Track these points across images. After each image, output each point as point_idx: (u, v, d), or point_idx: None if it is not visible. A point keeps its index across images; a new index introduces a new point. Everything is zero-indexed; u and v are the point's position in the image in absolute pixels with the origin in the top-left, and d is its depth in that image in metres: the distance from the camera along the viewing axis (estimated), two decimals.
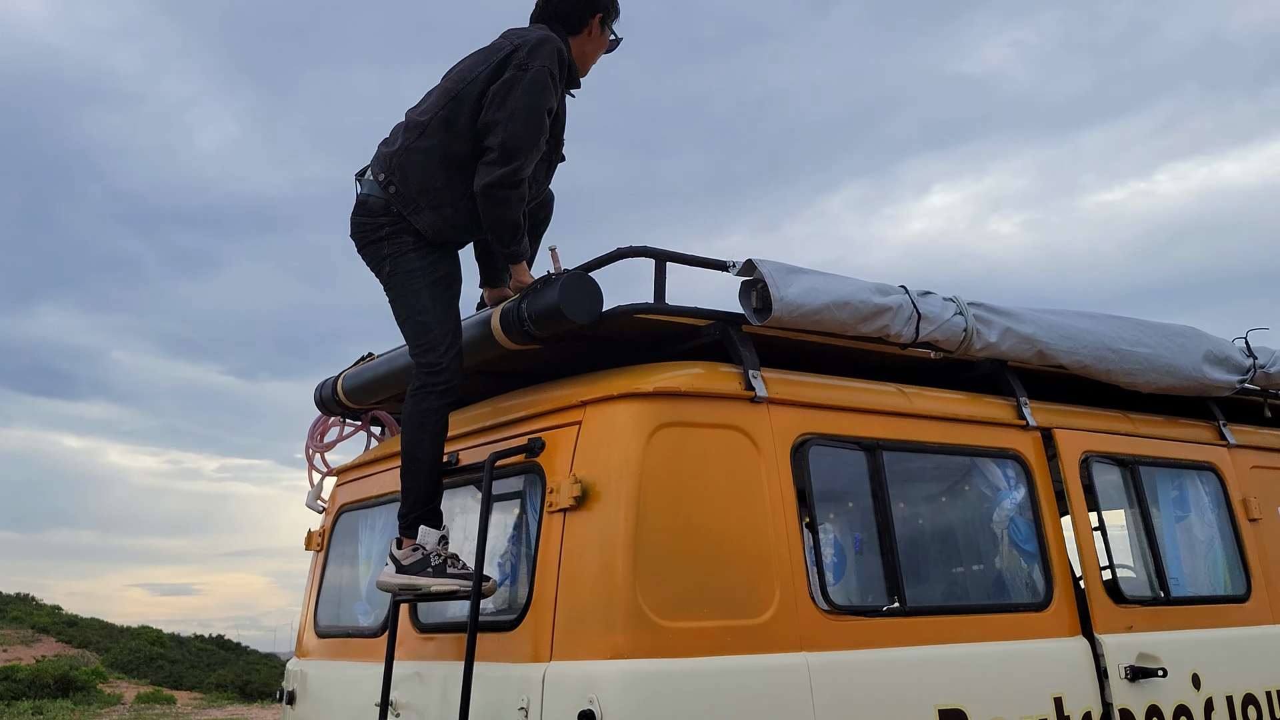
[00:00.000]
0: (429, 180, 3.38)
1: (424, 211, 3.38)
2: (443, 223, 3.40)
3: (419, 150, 3.40)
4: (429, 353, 3.34)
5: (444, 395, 3.31)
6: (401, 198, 3.39)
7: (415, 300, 3.39)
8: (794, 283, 3.25)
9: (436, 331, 3.35)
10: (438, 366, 3.32)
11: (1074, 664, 3.54)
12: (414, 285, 3.39)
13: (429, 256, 3.41)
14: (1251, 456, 4.52)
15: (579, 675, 2.80)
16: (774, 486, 3.10)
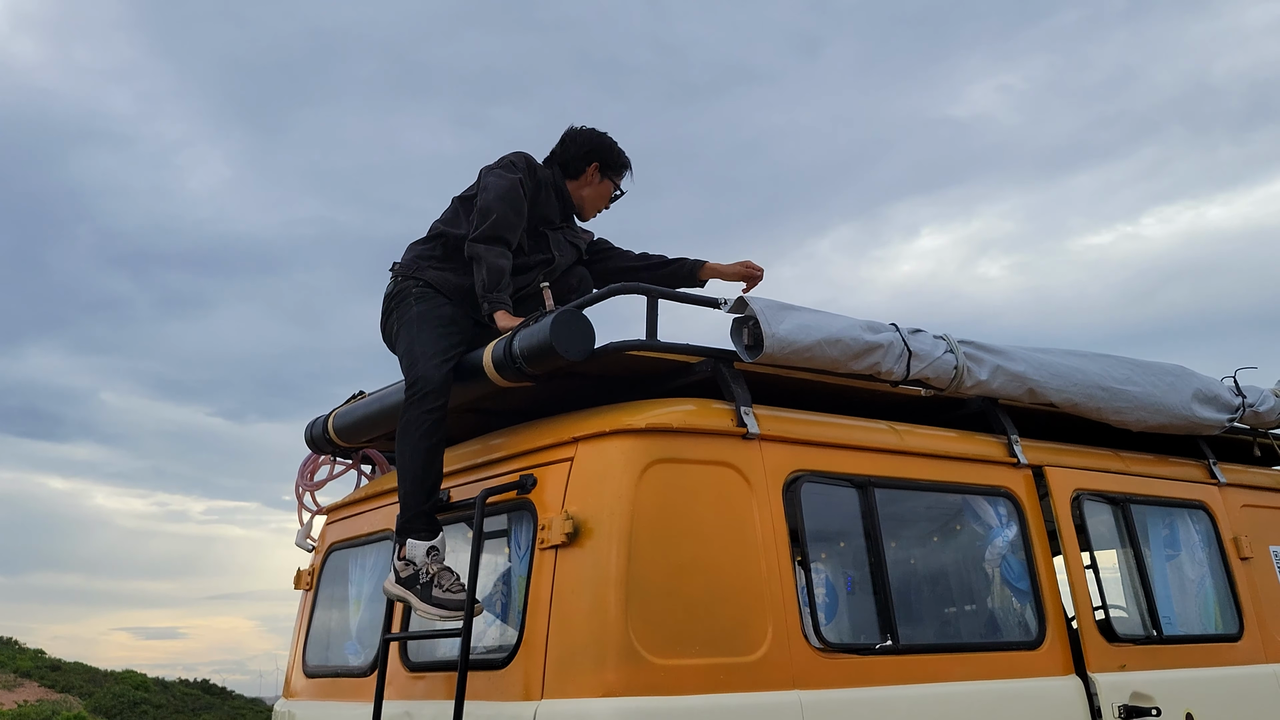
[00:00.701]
0: (429, 253, 3.74)
1: (428, 270, 3.68)
2: (449, 275, 3.66)
3: (419, 245, 3.82)
4: (414, 369, 3.45)
5: (424, 402, 3.36)
6: (405, 267, 3.73)
7: (411, 332, 3.54)
8: (785, 319, 3.27)
9: (421, 352, 3.46)
10: (419, 377, 3.41)
11: (1068, 703, 3.52)
12: (412, 322, 3.56)
13: (433, 300, 3.62)
14: (1242, 495, 4.53)
15: (571, 713, 2.78)
16: (766, 523, 3.10)
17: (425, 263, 3.72)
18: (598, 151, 3.98)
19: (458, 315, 3.61)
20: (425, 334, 3.52)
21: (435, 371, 3.41)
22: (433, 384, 3.39)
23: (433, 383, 3.39)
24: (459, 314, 3.62)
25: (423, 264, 3.72)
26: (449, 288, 3.65)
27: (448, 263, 3.70)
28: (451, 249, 3.72)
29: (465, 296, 3.63)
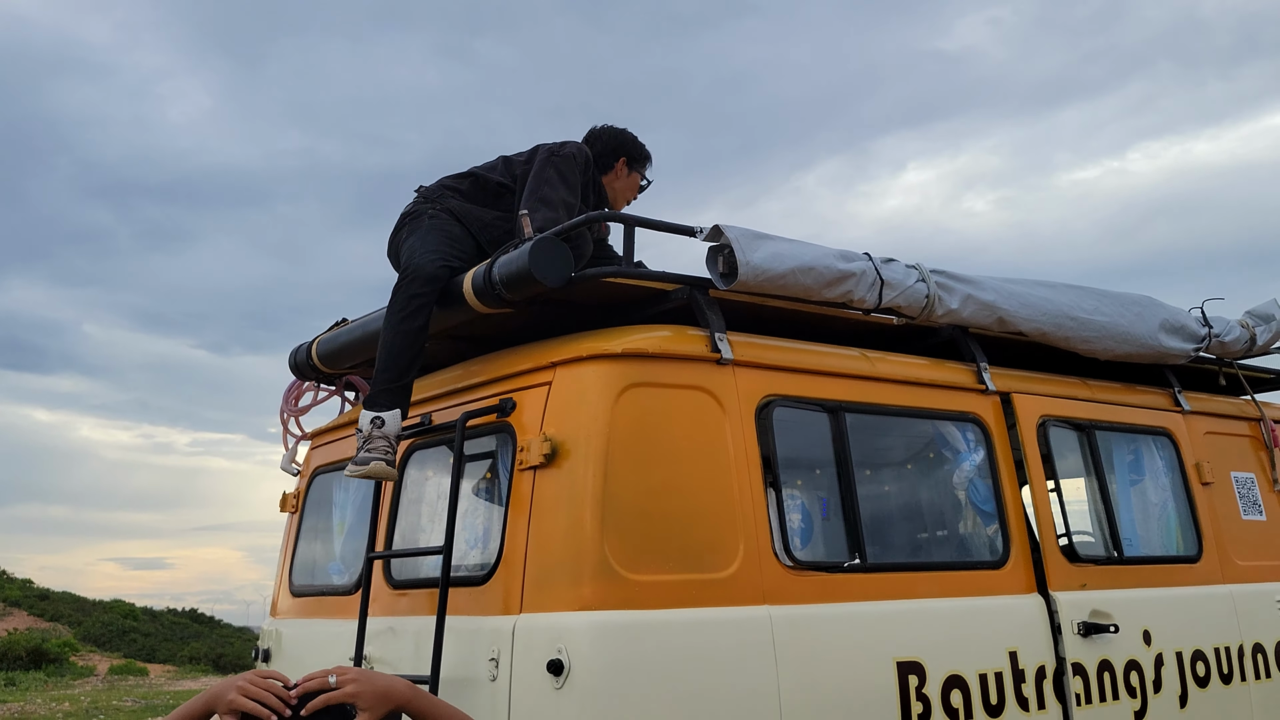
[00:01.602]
0: (457, 186, 3.93)
1: (450, 200, 3.83)
2: (471, 208, 3.82)
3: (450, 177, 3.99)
4: (410, 262, 3.60)
5: (410, 287, 3.51)
6: (430, 192, 3.90)
7: (416, 238, 3.71)
8: (760, 248, 3.33)
9: (421, 250, 3.62)
10: (411, 265, 3.57)
11: (1029, 620, 3.65)
12: (419, 231, 3.74)
13: (446, 220, 3.78)
14: (1205, 423, 4.65)
15: (548, 627, 2.88)
16: (739, 446, 3.19)
17: (450, 194, 3.88)
18: (624, 147, 4.24)
19: (465, 237, 3.75)
20: (429, 239, 3.68)
21: (428, 265, 3.55)
22: (422, 272, 3.53)
23: (422, 271, 3.53)
24: (466, 236, 3.76)
25: (448, 194, 3.88)
26: (469, 218, 3.80)
27: (473, 199, 3.86)
28: (480, 189, 3.90)
29: (483, 229, 3.79)
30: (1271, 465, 4.82)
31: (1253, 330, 4.84)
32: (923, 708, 3.28)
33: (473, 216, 3.82)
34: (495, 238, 3.79)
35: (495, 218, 3.83)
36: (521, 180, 3.86)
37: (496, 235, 3.80)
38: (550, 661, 2.81)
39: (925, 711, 3.29)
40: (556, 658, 2.80)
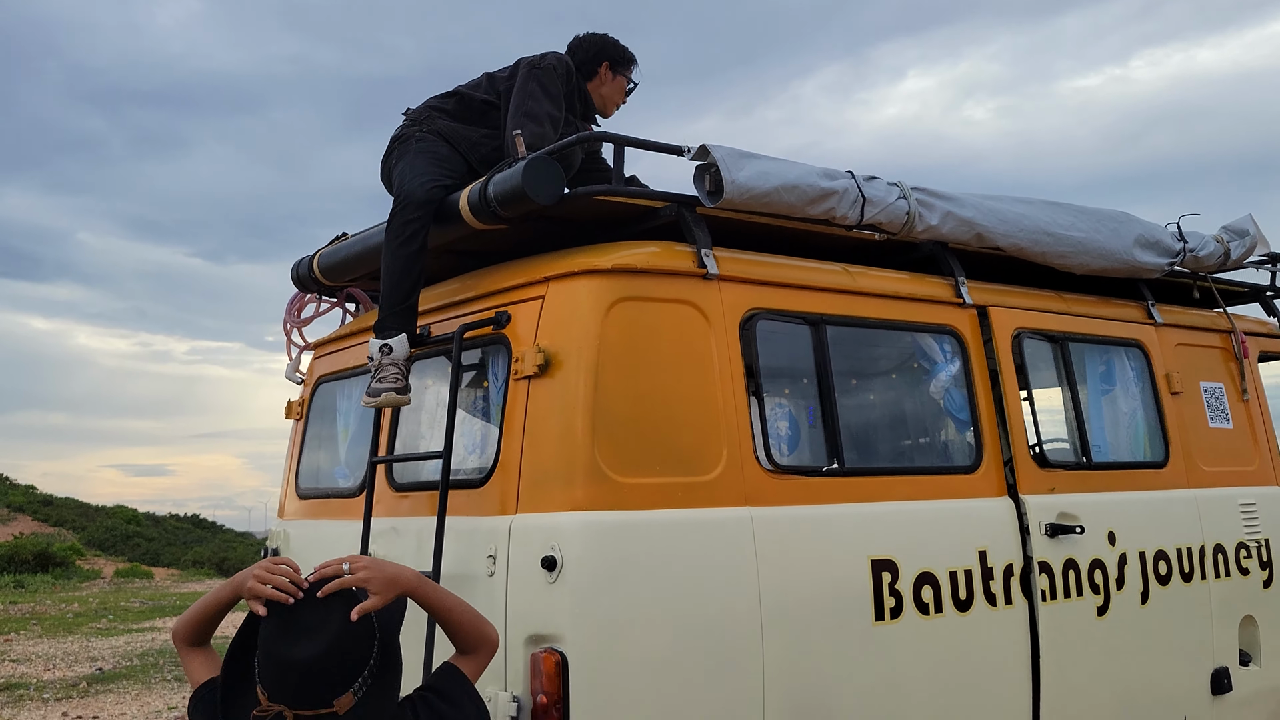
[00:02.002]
0: (443, 106, 4.02)
1: (438, 121, 3.93)
2: (459, 127, 3.93)
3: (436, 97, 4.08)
4: (402, 188, 3.72)
5: (404, 213, 3.64)
6: (418, 113, 4.01)
7: (406, 162, 3.83)
8: (745, 167, 3.46)
9: (412, 175, 3.74)
10: (403, 192, 3.69)
11: (999, 521, 3.85)
12: (409, 155, 3.85)
13: (433, 142, 3.88)
14: (1177, 335, 4.81)
15: (542, 526, 3.08)
16: (723, 357, 3.35)
17: (437, 114, 3.98)
18: (605, 51, 4.28)
19: (453, 156, 3.86)
20: (419, 163, 3.79)
21: (420, 190, 3.67)
22: (414, 198, 3.65)
23: (414, 197, 3.65)
24: (455, 155, 3.87)
25: (435, 115, 3.97)
26: (457, 137, 3.91)
27: (459, 119, 3.96)
28: (465, 108, 3.99)
29: (471, 148, 3.90)
30: (1240, 375, 5.00)
31: (1227, 245, 4.97)
32: (895, 602, 3.50)
33: (460, 136, 3.93)
34: (484, 155, 3.90)
35: (482, 135, 3.94)
36: (506, 96, 3.95)
37: (485, 153, 3.91)
38: (544, 558, 3.00)
39: (897, 606, 3.50)
40: (550, 554, 3.00)
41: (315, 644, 2.33)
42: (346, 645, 2.36)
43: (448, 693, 2.59)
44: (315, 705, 2.33)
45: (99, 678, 10.12)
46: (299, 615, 2.38)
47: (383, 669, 2.43)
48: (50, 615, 15.76)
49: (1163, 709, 4.27)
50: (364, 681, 2.38)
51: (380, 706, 2.39)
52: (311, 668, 2.32)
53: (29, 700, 9.12)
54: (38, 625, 14.38)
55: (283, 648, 2.34)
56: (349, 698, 2.35)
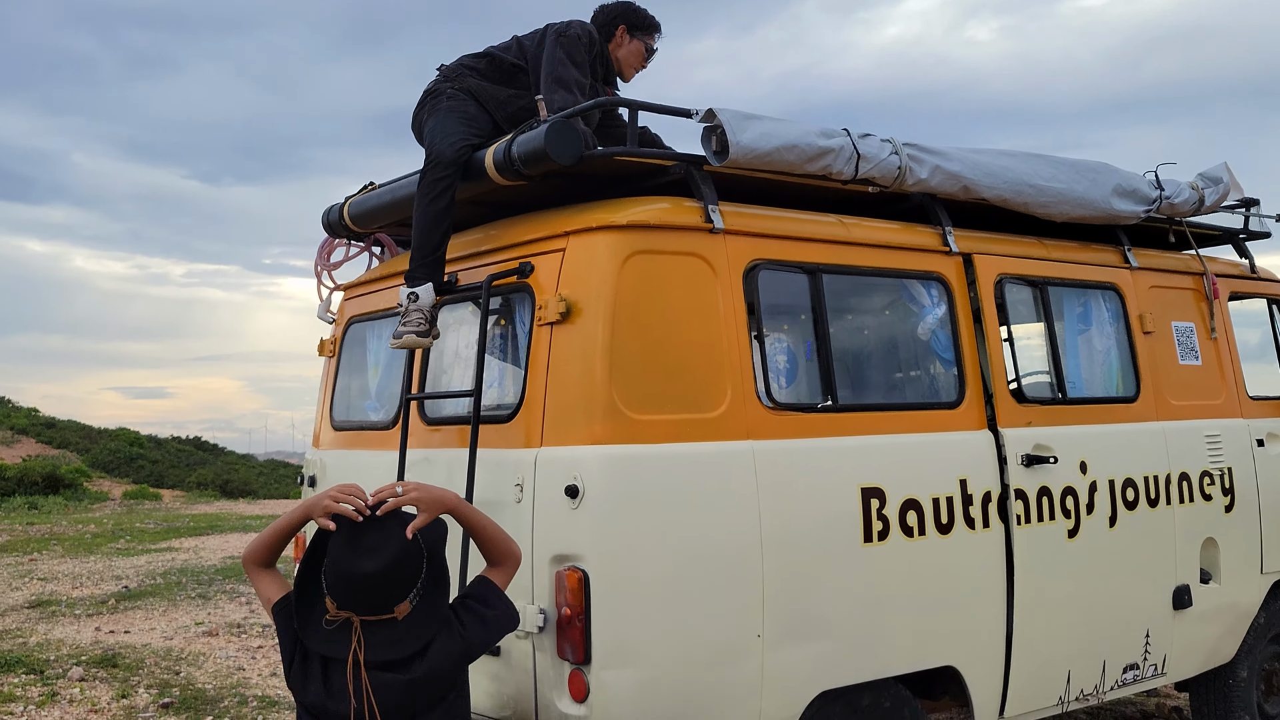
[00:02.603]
0: (475, 65, 4.27)
1: (469, 79, 4.18)
2: (488, 86, 4.19)
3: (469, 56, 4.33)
4: (432, 147, 4.01)
5: (434, 171, 3.94)
6: (450, 71, 4.25)
7: (436, 120, 4.09)
8: (749, 128, 3.75)
9: (441, 135, 4.02)
10: (434, 151, 3.98)
11: (978, 452, 4.21)
12: (439, 112, 4.11)
13: (462, 100, 4.14)
14: (1151, 278, 5.13)
15: (565, 457, 3.43)
16: (728, 304, 3.68)
17: (469, 73, 4.23)
18: (623, 15, 4.49)
19: (481, 114, 4.14)
20: (448, 122, 4.07)
21: (449, 149, 3.96)
22: (443, 158, 3.95)
23: (444, 156, 3.95)
24: (483, 115, 4.14)
25: (466, 73, 4.23)
26: (485, 95, 4.17)
27: (489, 78, 4.22)
28: (495, 68, 4.25)
29: (498, 106, 4.17)
30: (1210, 315, 5.33)
31: (1202, 192, 5.27)
32: (882, 526, 3.87)
33: (488, 95, 4.20)
34: (510, 114, 4.18)
35: (510, 95, 4.21)
36: (534, 61, 4.22)
37: (511, 112, 4.19)
38: (567, 486, 3.36)
39: (885, 529, 3.87)
40: (572, 483, 3.36)
41: (378, 560, 2.70)
42: (403, 561, 2.73)
43: (483, 597, 2.98)
44: (378, 612, 2.71)
45: (126, 595, 10.59)
46: (363, 536, 2.74)
47: (433, 580, 2.81)
48: (69, 536, 16.24)
49: (1127, 623, 4.67)
50: (418, 591, 2.76)
51: (432, 611, 2.77)
52: (375, 580, 2.69)
53: (61, 616, 9.58)
54: (58, 545, 14.86)
55: (350, 564, 2.70)
56: (406, 605, 2.74)
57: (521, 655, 3.50)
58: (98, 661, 7.76)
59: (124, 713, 6.56)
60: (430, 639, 2.77)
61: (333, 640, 2.73)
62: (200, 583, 11.30)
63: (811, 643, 3.65)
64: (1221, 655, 5.15)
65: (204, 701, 6.78)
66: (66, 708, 6.67)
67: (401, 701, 2.72)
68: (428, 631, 2.76)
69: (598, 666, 3.31)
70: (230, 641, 8.51)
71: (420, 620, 2.75)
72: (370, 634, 2.72)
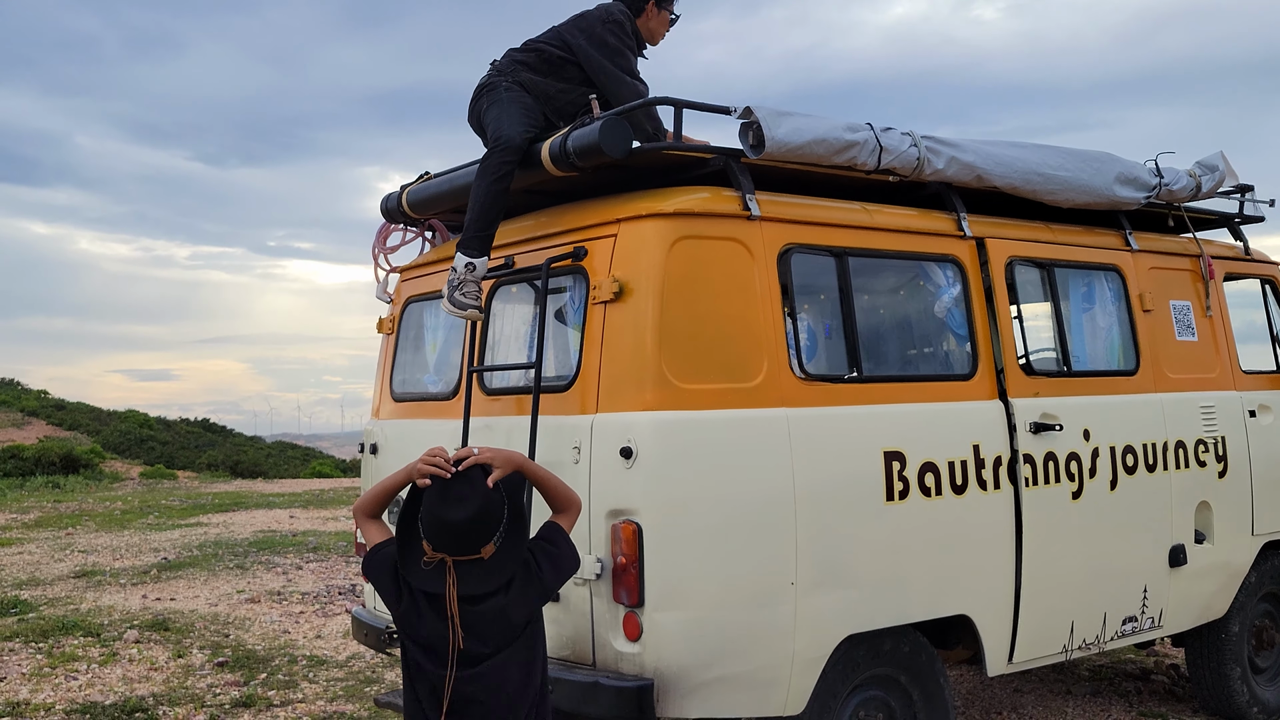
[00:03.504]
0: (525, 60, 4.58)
1: (521, 73, 4.51)
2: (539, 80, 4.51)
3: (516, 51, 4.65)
4: (499, 131, 4.36)
5: (501, 154, 4.30)
6: (502, 65, 4.57)
7: (498, 109, 4.44)
8: (782, 124, 4.12)
9: (508, 120, 4.38)
10: (502, 134, 4.34)
11: (990, 420, 4.59)
12: (500, 102, 4.46)
13: (518, 92, 4.48)
14: (1151, 260, 5.51)
15: (619, 422, 3.82)
16: (764, 284, 4.05)
17: (520, 67, 4.55)
18: None
19: (535, 107, 4.49)
20: (512, 110, 4.42)
21: (517, 134, 4.32)
22: (512, 141, 4.31)
23: (512, 140, 4.31)
24: (536, 107, 4.49)
25: (518, 68, 4.55)
26: (537, 90, 4.51)
27: (539, 72, 4.54)
28: (544, 61, 4.55)
29: (548, 100, 4.51)
30: (1205, 294, 5.70)
31: (1199, 179, 5.64)
32: (903, 486, 4.25)
33: (540, 89, 4.54)
34: (559, 108, 4.54)
35: (559, 90, 4.56)
36: (582, 54, 4.53)
37: (560, 105, 4.55)
38: (622, 448, 3.75)
39: (905, 489, 4.26)
40: (626, 445, 3.74)
41: (466, 507, 3.09)
42: (487, 507, 3.12)
43: (552, 538, 3.37)
44: (468, 552, 3.11)
45: (166, 565, 11.01)
46: (451, 488, 3.13)
47: (513, 525, 3.20)
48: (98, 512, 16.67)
49: (1126, 578, 5.06)
50: (501, 534, 3.15)
51: (513, 551, 3.17)
52: (464, 525, 3.08)
53: (107, 584, 10.01)
54: (91, 521, 15.29)
55: (442, 511, 3.09)
56: (491, 546, 3.13)
57: (580, 600, 3.90)
58: (150, 625, 8.18)
59: (182, 671, 6.98)
60: (512, 575, 3.16)
61: (430, 578, 3.13)
62: (236, 554, 11.73)
63: (839, 590, 4.04)
64: (1214, 611, 5.54)
65: (256, 660, 7.19)
66: (128, 666, 7.09)
67: (490, 629, 3.12)
68: (511, 568, 3.16)
69: (650, 609, 3.71)
70: (273, 608, 8.93)
71: (504, 559, 3.15)
72: (462, 572, 3.11)
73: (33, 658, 7.27)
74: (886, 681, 4.31)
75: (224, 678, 6.79)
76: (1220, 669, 5.69)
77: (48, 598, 9.43)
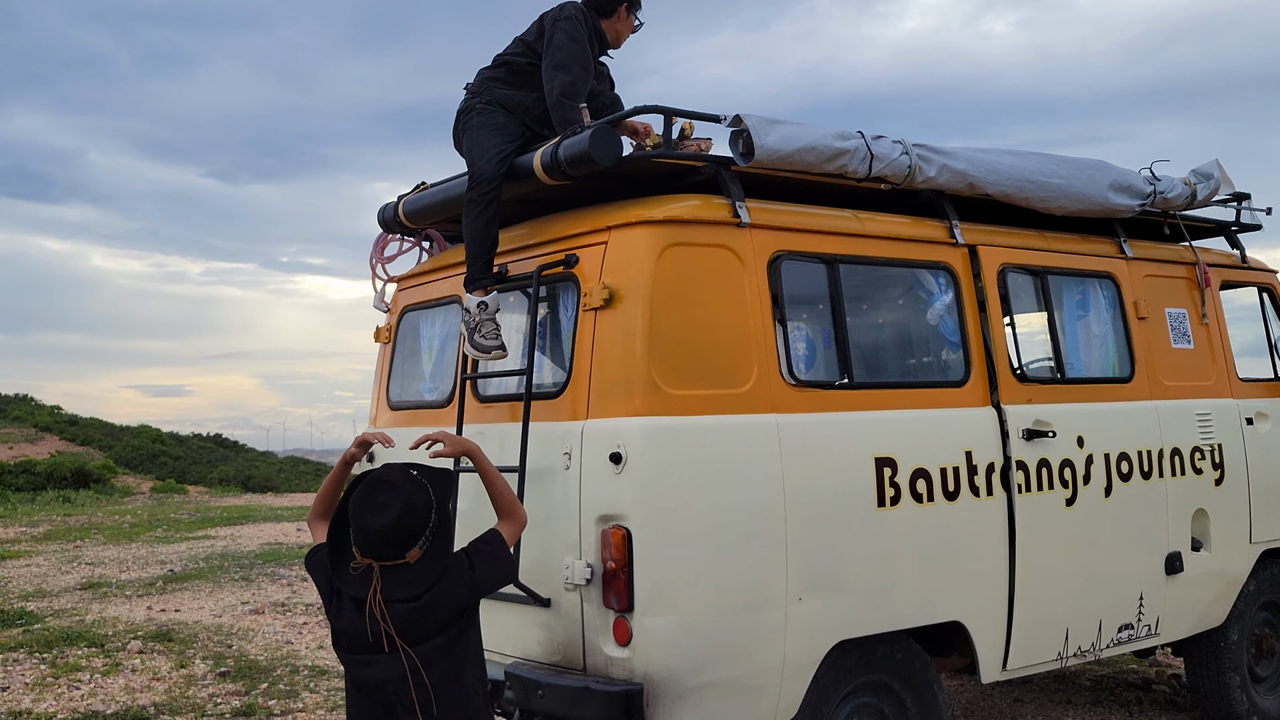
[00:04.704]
0: (497, 76, 4.63)
1: (496, 90, 4.55)
2: (513, 93, 4.54)
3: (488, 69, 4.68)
4: (474, 165, 4.43)
5: (479, 188, 4.37)
6: (476, 87, 4.63)
7: (472, 138, 4.48)
8: (772, 132, 4.15)
9: (480, 152, 4.43)
10: (476, 170, 4.40)
11: (982, 426, 4.60)
12: (474, 130, 4.49)
13: (492, 113, 4.50)
14: (1146, 267, 5.51)
15: (609, 428, 3.84)
16: (754, 291, 4.07)
17: (493, 84, 4.60)
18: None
19: (511, 123, 4.51)
20: (483, 138, 4.46)
21: (488, 166, 4.37)
22: (485, 174, 4.36)
23: (485, 173, 4.36)
24: (512, 122, 4.52)
25: (491, 85, 4.60)
26: (512, 103, 4.54)
27: (511, 85, 4.58)
28: (515, 73, 4.59)
29: (525, 111, 4.53)
30: (1201, 302, 5.70)
31: (1194, 187, 5.64)
32: (894, 492, 4.26)
33: (514, 101, 4.55)
34: (537, 116, 4.55)
35: (534, 100, 4.55)
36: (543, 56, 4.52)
37: (539, 114, 4.55)
38: (611, 454, 3.77)
39: (896, 495, 4.26)
40: (616, 451, 3.76)
41: (388, 514, 3.18)
42: (410, 513, 3.20)
43: (492, 542, 3.45)
44: (393, 557, 3.21)
45: (172, 577, 11.06)
46: (376, 496, 3.22)
47: (440, 530, 3.29)
48: (107, 525, 16.74)
49: (1122, 585, 5.05)
50: (426, 539, 3.25)
51: (440, 555, 3.28)
52: (387, 530, 3.18)
53: (113, 596, 10.05)
54: (99, 534, 15.35)
55: (366, 519, 3.20)
56: (416, 551, 3.23)
57: (570, 605, 3.92)
58: (154, 636, 8.21)
59: (184, 680, 7.00)
60: (439, 577, 3.25)
61: (358, 583, 3.23)
62: (241, 566, 11.76)
63: (830, 596, 4.05)
64: (1212, 619, 5.53)
65: (258, 671, 7.21)
66: (130, 676, 7.12)
67: (409, 623, 3.20)
68: (435, 573, 3.25)
69: (640, 613, 3.72)
70: (276, 619, 8.96)
71: (429, 563, 3.25)
72: (387, 577, 3.20)
73: (36, 668, 7.30)
74: (880, 688, 4.31)
75: (225, 687, 6.81)
76: (1220, 677, 5.67)
77: (53, 609, 9.47)
